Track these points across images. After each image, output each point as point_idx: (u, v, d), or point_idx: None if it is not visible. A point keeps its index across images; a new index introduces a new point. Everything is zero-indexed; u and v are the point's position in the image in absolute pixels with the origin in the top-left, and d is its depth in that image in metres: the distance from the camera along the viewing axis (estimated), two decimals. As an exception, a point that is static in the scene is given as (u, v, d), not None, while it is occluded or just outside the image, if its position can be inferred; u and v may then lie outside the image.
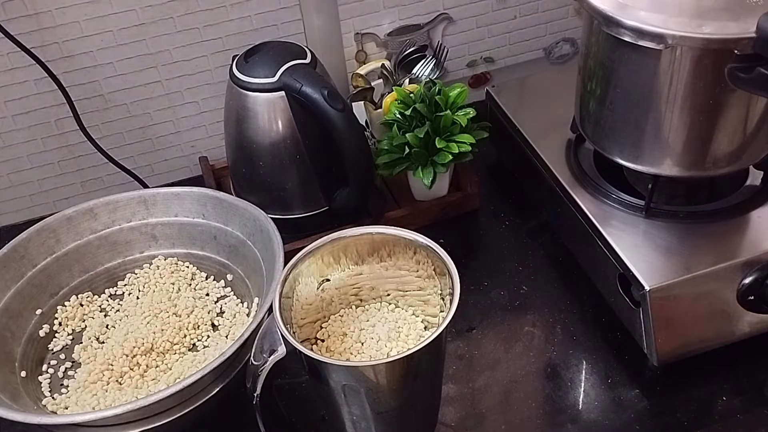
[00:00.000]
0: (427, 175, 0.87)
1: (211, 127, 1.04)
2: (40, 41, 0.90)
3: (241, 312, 0.82)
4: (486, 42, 1.11)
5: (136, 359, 0.77)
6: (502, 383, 0.78)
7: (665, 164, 0.76)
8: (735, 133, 0.73)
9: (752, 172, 0.83)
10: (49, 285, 0.82)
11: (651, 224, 0.78)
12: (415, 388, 0.64)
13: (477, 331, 0.83)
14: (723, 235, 0.76)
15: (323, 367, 0.61)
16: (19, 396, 0.72)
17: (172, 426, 0.68)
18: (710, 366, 0.76)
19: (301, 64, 0.83)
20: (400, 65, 1.05)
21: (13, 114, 0.95)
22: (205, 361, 0.75)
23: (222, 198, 0.84)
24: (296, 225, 0.89)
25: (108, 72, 0.95)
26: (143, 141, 1.03)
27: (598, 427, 0.73)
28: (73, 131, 0.96)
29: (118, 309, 0.84)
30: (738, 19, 0.65)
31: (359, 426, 0.66)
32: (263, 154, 0.86)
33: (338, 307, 0.72)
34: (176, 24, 0.94)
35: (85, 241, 0.85)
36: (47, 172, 1.01)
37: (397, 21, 1.04)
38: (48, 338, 0.81)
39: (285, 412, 0.77)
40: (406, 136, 0.86)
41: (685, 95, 0.71)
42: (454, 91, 0.89)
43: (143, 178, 1.02)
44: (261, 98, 0.83)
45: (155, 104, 1.00)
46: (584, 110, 0.82)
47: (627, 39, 0.69)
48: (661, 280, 0.71)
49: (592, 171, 0.85)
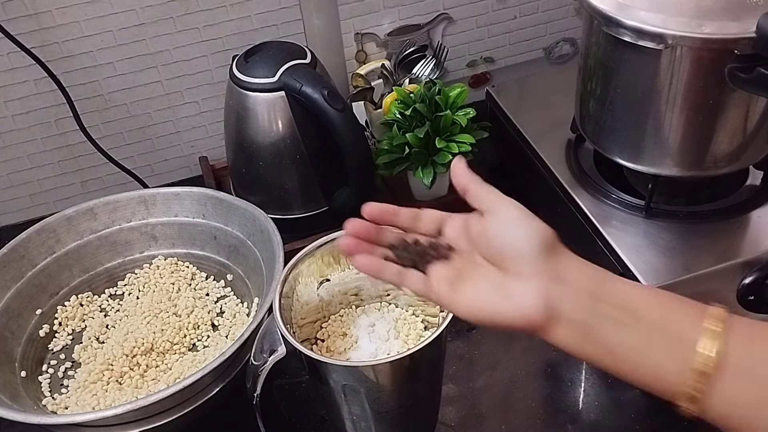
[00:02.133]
0: (427, 175, 0.87)
1: (211, 127, 1.04)
2: (40, 41, 0.90)
3: (241, 312, 0.82)
4: (486, 42, 1.11)
5: (136, 359, 0.77)
6: (502, 383, 0.78)
7: (665, 164, 0.76)
8: (735, 133, 0.73)
9: (752, 172, 0.83)
10: (49, 285, 0.82)
11: (651, 224, 0.78)
12: (415, 388, 0.64)
13: (477, 331, 0.83)
14: (723, 235, 0.76)
15: (323, 367, 0.61)
16: (19, 396, 0.72)
17: (172, 426, 0.68)
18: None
19: (301, 64, 0.83)
20: (400, 65, 1.05)
21: (13, 114, 0.95)
22: (205, 361, 0.75)
23: (222, 198, 0.84)
24: (296, 225, 0.89)
25: (108, 72, 0.95)
26: (143, 141, 1.03)
27: (598, 427, 0.73)
28: (73, 131, 0.96)
29: (118, 309, 0.84)
30: (738, 19, 0.65)
31: (359, 426, 0.66)
32: (263, 154, 0.86)
33: (338, 307, 0.72)
34: (176, 24, 0.94)
35: (85, 241, 0.85)
36: (47, 172, 1.01)
37: (397, 21, 1.04)
38: (48, 338, 0.81)
39: (285, 412, 0.77)
40: (406, 136, 0.86)
41: (685, 95, 0.71)
42: (454, 91, 0.89)
43: (143, 178, 1.02)
44: (261, 98, 0.83)
45: (155, 104, 1.00)
46: (584, 110, 0.82)
47: (627, 39, 0.69)
48: (662, 280, 0.71)
49: (592, 171, 0.85)
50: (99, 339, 0.81)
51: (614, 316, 0.45)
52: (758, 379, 0.41)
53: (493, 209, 0.50)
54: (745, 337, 0.42)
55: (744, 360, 0.42)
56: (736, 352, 0.42)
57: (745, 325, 0.43)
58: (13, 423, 0.65)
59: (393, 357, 0.60)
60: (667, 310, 0.45)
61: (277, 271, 0.72)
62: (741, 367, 0.42)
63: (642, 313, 0.45)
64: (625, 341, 0.45)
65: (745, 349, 0.42)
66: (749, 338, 0.43)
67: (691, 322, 0.44)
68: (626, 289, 0.47)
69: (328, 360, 0.61)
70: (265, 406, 0.64)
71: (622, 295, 0.46)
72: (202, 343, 0.80)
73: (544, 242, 0.48)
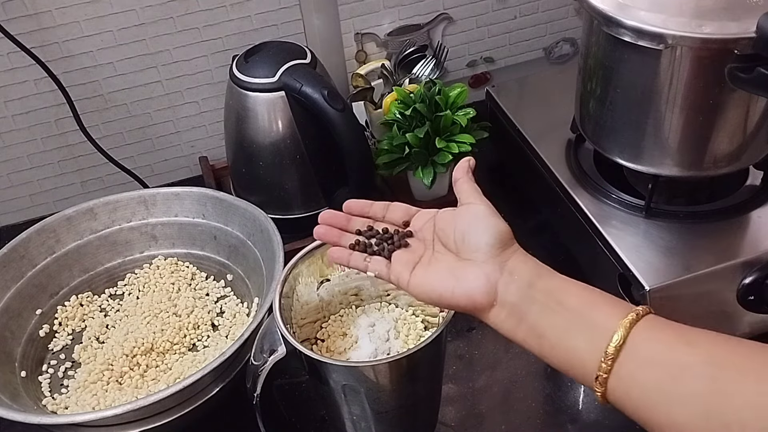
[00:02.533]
0: (427, 175, 0.87)
1: (211, 127, 1.04)
2: (40, 41, 0.90)
3: (241, 312, 0.82)
4: (486, 42, 1.11)
5: (136, 359, 0.77)
6: (502, 383, 0.78)
7: (665, 164, 0.76)
8: (735, 133, 0.73)
9: (752, 172, 0.83)
10: (49, 285, 0.82)
11: (651, 224, 0.78)
12: (415, 388, 0.64)
13: (477, 331, 0.83)
14: (723, 235, 0.76)
15: (323, 367, 0.61)
16: (19, 396, 0.72)
17: (172, 426, 0.68)
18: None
19: (301, 64, 0.83)
20: (400, 65, 1.05)
21: (13, 114, 0.95)
22: (205, 361, 0.75)
23: (222, 198, 0.84)
24: (296, 225, 0.89)
25: (108, 72, 0.95)
26: (143, 141, 1.03)
27: (598, 427, 0.73)
28: (73, 131, 0.96)
29: (118, 309, 0.84)
30: (738, 19, 0.65)
31: (359, 426, 0.66)
32: (263, 154, 0.86)
33: (338, 307, 0.72)
34: (176, 24, 0.94)
35: (85, 241, 0.85)
36: (47, 172, 1.01)
37: (397, 21, 1.04)
38: (48, 338, 0.81)
39: (285, 412, 0.77)
40: (406, 136, 0.86)
41: (685, 95, 0.71)
42: (454, 91, 0.89)
43: (143, 178, 1.02)
44: (261, 98, 0.83)
45: (155, 104, 1.00)
46: (584, 110, 0.82)
47: (627, 39, 0.69)
48: (661, 280, 0.71)
49: (592, 171, 0.85)
50: (99, 339, 0.81)
51: (544, 302, 0.52)
52: (654, 365, 0.46)
53: (468, 202, 0.58)
54: (650, 330, 0.48)
55: (644, 347, 0.47)
56: (640, 340, 0.47)
57: (656, 320, 0.49)
58: (13, 423, 0.65)
59: (393, 357, 0.60)
60: (590, 302, 0.51)
61: (277, 271, 0.72)
62: (641, 354, 0.47)
63: (568, 302, 0.51)
64: (550, 324, 0.51)
65: (646, 338, 0.47)
66: (654, 330, 0.48)
67: (609, 313, 0.49)
68: (559, 282, 0.53)
69: (328, 360, 0.61)
70: (265, 406, 0.64)
71: (554, 285, 0.53)
72: (202, 343, 0.80)
73: (501, 237, 0.55)
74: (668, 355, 0.46)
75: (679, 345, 0.46)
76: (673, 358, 0.46)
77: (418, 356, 0.59)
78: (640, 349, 0.47)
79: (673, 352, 0.46)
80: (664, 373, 0.46)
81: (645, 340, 0.47)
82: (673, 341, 0.47)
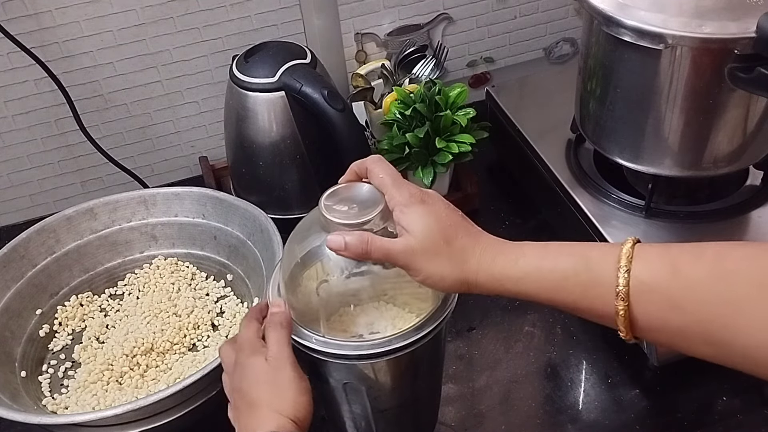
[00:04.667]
0: (427, 175, 0.87)
1: (211, 127, 1.04)
2: (40, 41, 0.90)
3: (241, 312, 0.82)
4: (486, 42, 1.11)
5: (136, 359, 0.77)
6: (502, 383, 0.78)
7: (665, 164, 0.76)
8: (735, 133, 0.73)
9: (752, 172, 0.83)
10: (49, 285, 0.82)
11: (651, 224, 0.78)
12: (415, 386, 0.64)
13: (477, 331, 0.83)
14: (723, 235, 0.76)
15: (324, 366, 0.61)
16: (19, 396, 0.72)
17: (172, 426, 0.68)
18: (710, 366, 0.75)
19: (301, 64, 0.83)
20: (400, 65, 1.05)
21: (13, 114, 0.95)
22: (205, 361, 0.75)
23: (222, 198, 0.84)
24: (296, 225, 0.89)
25: (108, 72, 0.95)
26: (143, 141, 1.03)
27: (598, 427, 0.73)
28: (73, 131, 0.96)
29: (118, 309, 0.84)
30: (738, 19, 0.65)
31: (359, 425, 0.66)
32: (263, 154, 0.86)
33: (337, 307, 0.72)
34: (176, 24, 0.94)
35: (85, 241, 0.85)
36: (47, 172, 1.01)
37: (397, 21, 1.04)
38: (48, 338, 0.81)
39: (285, 412, 0.76)
40: (406, 136, 0.86)
41: (685, 95, 0.71)
42: (454, 91, 0.89)
43: (143, 178, 1.02)
44: (261, 98, 0.83)
45: (155, 104, 1.00)
46: (584, 110, 0.82)
47: (627, 39, 0.69)
48: (661, 280, 0.71)
49: (592, 171, 0.85)
50: (99, 339, 0.81)
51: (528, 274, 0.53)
52: (665, 293, 0.49)
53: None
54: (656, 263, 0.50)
55: (655, 280, 0.49)
56: (650, 273, 0.49)
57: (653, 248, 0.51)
58: (13, 423, 0.65)
59: (394, 345, 0.59)
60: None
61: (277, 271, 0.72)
62: (653, 285, 0.49)
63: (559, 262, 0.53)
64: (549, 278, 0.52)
65: (654, 272, 0.50)
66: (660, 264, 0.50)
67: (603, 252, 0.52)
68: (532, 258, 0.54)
69: (329, 359, 0.61)
70: (265, 406, 0.64)
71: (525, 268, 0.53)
72: (202, 343, 0.80)
73: (434, 239, 0.55)
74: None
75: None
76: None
77: (418, 354, 0.59)
78: (653, 281, 0.49)
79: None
80: None
81: (653, 273, 0.50)
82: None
